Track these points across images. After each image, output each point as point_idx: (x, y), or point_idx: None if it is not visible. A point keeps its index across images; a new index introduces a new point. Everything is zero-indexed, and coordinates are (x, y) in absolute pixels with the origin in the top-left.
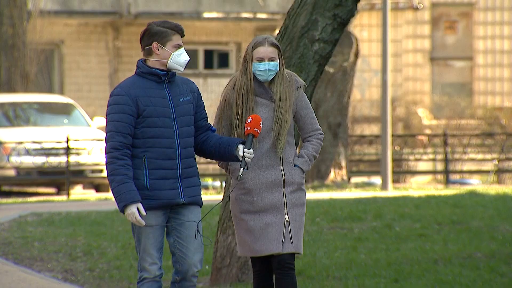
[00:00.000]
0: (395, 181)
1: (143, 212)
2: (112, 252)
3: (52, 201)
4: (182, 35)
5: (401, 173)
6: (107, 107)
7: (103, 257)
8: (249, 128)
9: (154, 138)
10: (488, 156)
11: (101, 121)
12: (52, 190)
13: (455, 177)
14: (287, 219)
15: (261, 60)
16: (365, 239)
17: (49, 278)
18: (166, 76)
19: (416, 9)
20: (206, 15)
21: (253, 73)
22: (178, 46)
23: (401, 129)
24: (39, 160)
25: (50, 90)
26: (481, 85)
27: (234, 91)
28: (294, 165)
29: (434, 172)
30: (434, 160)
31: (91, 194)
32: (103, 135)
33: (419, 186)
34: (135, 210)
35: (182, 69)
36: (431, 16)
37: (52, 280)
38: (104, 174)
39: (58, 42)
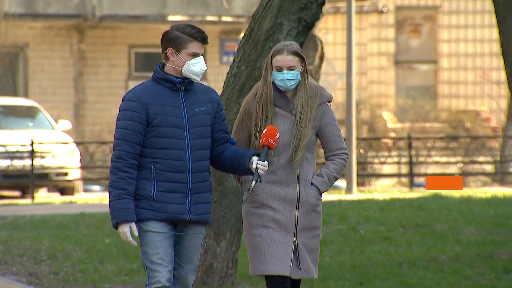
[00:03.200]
0: (359, 184)
1: (135, 233)
2: (77, 256)
3: (16, 205)
4: (204, 42)
5: (365, 176)
6: (118, 112)
7: (68, 260)
8: (264, 139)
9: (164, 149)
10: (453, 159)
11: (66, 124)
12: (16, 193)
13: (419, 180)
14: (295, 242)
15: (279, 69)
16: (330, 242)
17: (13, 281)
18: (182, 84)
19: (380, 12)
20: (171, 18)
21: (273, 82)
22: (194, 55)
23: (365, 132)
24: (4, 163)
25: (14, 93)
26: (445, 89)
27: (254, 100)
28: (312, 184)
29: (398, 175)
30: (398, 163)
31: (56, 198)
32: (68, 138)
33: (383, 189)
34: (127, 230)
35: (198, 78)
36: (396, 20)
37: (16, 283)
38: (69, 177)
39: (22, 45)
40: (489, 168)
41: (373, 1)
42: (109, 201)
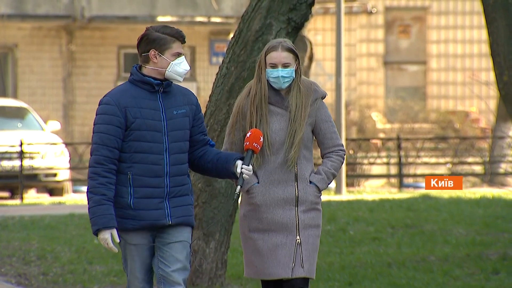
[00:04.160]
0: (349, 185)
1: (117, 239)
2: (66, 256)
3: (5, 205)
4: (183, 42)
5: (355, 176)
6: (95, 115)
7: (57, 261)
8: (248, 143)
9: (141, 153)
10: (442, 160)
11: (55, 125)
12: (5, 194)
13: (408, 180)
14: (298, 241)
15: (274, 66)
16: (319, 242)
17: (3, 282)
18: (160, 85)
19: (370, 13)
20: (160, 19)
21: (267, 80)
22: (178, 55)
23: (355, 133)
24: None
25: (3, 94)
26: (434, 89)
27: (248, 99)
28: (310, 182)
29: (388, 176)
30: (388, 164)
31: (45, 198)
32: (57, 139)
33: (373, 190)
34: (108, 236)
35: (181, 79)
36: (385, 20)
37: (6, 284)
38: (58, 178)
39: (11, 46)
40: (478, 168)
41: (362, 2)
42: (89, 208)
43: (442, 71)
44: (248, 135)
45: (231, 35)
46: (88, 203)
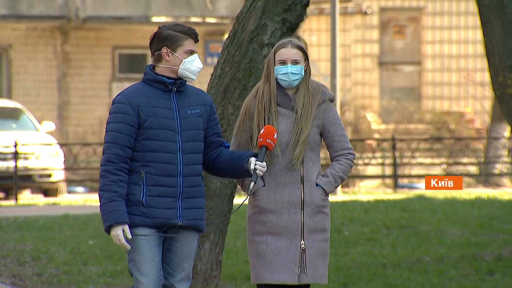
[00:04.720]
0: (344, 185)
1: (129, 235)
2: (61, 257)
3: (0, 206)
4: (196, 40)
5: (350, 177)
6: (108, 114)
7: (52, 262)
8: (261, 140)
9: (154, 152)
10: (437, 161)
11: (50, 125)
12: (0, 195)
13: (403, 181)
14: (303, 246)
15: (283, 62)
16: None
17: None
18: (174, 84)
19: (365, 13)
20: (155, 19)
21: (276, 79)
22: (191, 52)
23: (350, 133)
24: None
25: None
26: (429, 90)
27: (255, 99)
28: (317, 184)
29: (382, 176)
30: (382, 164)
31: (40, 199)
32: (51, 139)
33: (368, 191)
34: (120, 232)
35: (194, 77)
36: (380, 21)
37: (0, 285)
38: (52, 178)
39: (6, 47)
40: (473, 169)
41: (357, 2)
42: (100, 205)
43: (437, 71)
44: (261, 131)
45: (226, 36)
46: (100, 201)
